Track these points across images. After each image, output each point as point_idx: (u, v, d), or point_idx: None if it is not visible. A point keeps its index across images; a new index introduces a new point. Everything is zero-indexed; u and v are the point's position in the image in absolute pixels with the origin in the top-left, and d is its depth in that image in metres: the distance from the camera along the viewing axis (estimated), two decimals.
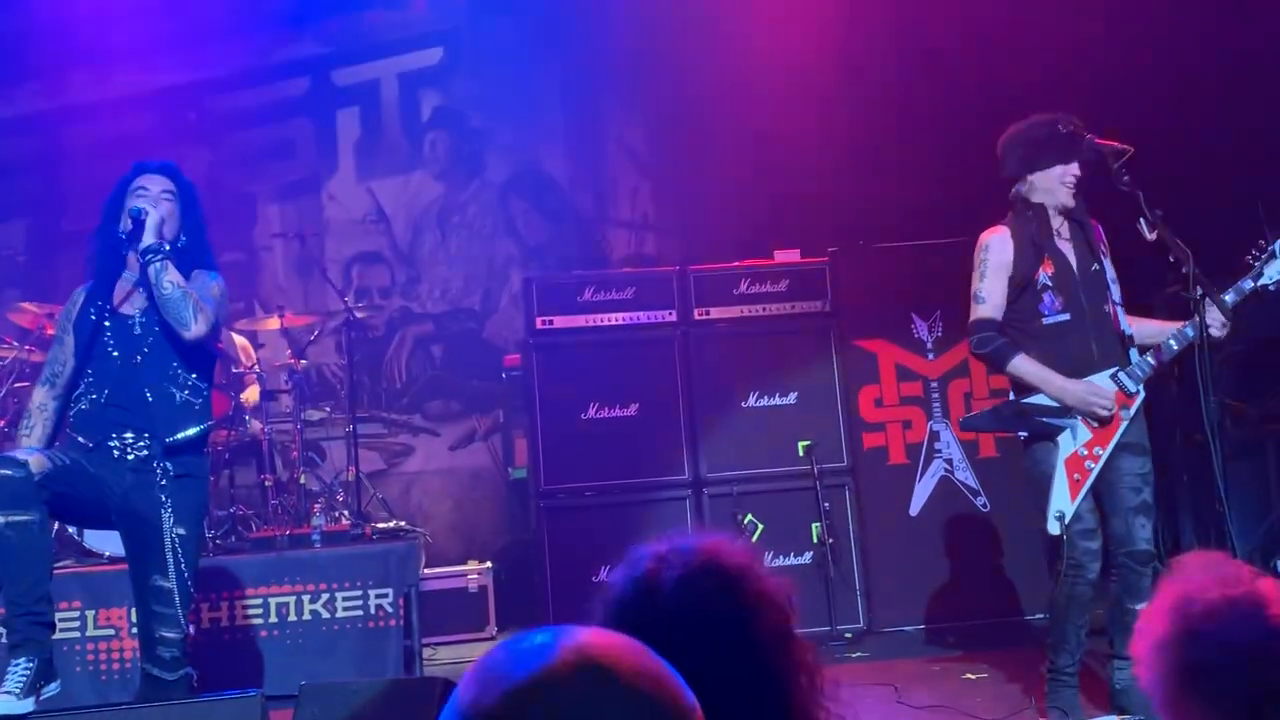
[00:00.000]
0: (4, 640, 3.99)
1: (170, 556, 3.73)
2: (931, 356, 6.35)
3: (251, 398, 6.66)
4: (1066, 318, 4.05)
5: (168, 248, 3.80)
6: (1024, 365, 4.03)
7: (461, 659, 5.87)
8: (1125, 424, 3.99)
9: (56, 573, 3.90)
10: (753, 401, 6.27)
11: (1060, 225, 4.15)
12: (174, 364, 3.86)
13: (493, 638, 6.30)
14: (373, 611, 5.32)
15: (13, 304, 6.67)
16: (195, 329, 3.77)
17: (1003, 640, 5.60)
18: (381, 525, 6.46)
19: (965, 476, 6.24)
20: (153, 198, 3.87)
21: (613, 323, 6.28)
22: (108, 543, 5.26)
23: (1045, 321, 4.06)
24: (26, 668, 3.45)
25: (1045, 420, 4.00)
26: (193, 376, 3.90)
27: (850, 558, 6.16)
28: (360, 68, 8.41)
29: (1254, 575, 1.65)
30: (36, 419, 3.87)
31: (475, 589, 6.43)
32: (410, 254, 8.33)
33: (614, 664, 1.01)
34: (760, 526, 6.11)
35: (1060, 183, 4.09)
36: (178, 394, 3.86)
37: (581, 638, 1.03)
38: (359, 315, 7.06)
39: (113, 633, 5.15)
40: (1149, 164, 4.01)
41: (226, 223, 7.14)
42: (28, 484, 3.47)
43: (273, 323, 6.96)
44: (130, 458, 3.78)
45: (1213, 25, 6.51)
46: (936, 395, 6.31)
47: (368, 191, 8.35)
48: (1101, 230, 4.22)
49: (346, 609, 5.32)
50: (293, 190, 8.35)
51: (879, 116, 7.53)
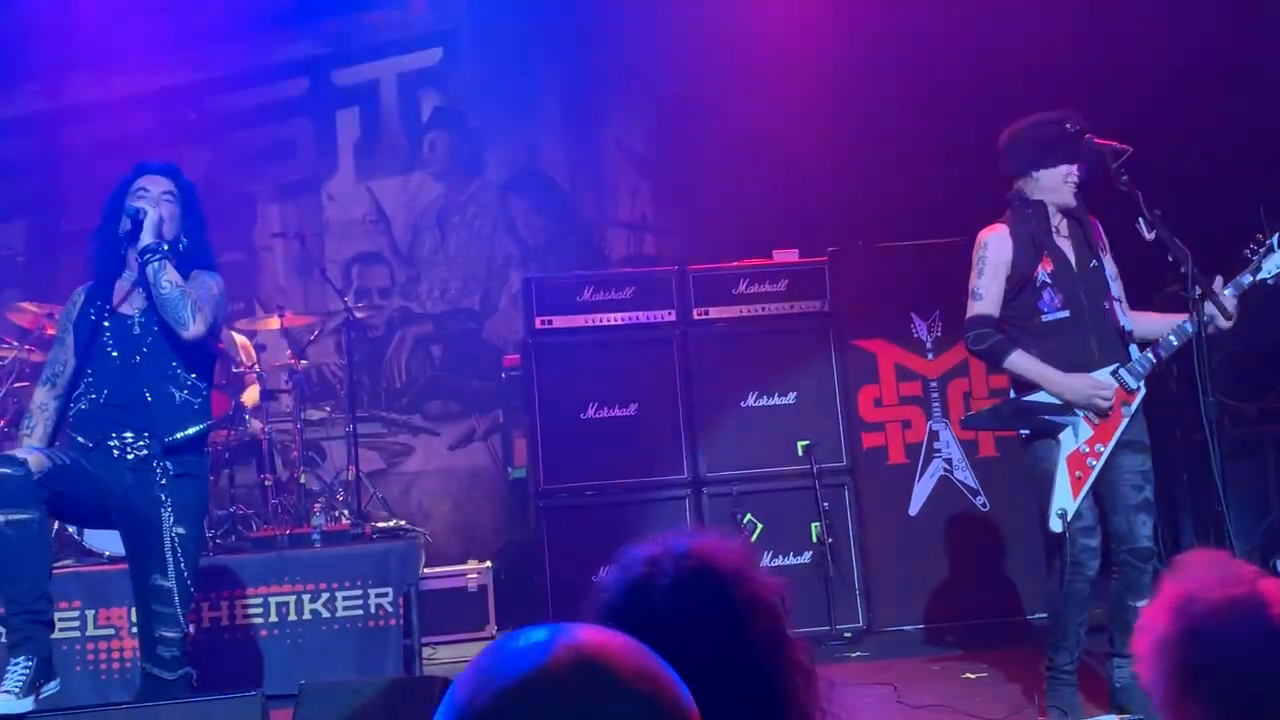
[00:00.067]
0: (3, 640, 3.99)
1: (170, 556, 3.73)
2: (931, 356, 6.35)
3: (252, 398, 6.65)
4: (1066, 315, 4.05)
5: (166, 248, 3.81)
6: (1021, 361, 4.03)
7: (461, 658, 5.87)
8: (1126, 421, 3.98)
9: (57, 572, 3.91)
10: (752, 401, 6.27)
11: (1059, 223, 4.15)
12: (173, 364, 3.87)
13: (492, 637, 6.28)
14: (373, 611, 5.32)
15: (13, 304, 6.66)
16: (193, 329, 3.78)
17: (1002, 640, 5.60)
18: (381, 525, 6.45)
19: (965, 476, 6.24)
20: (153, 198, 3.88)
21: (612, 323, 6.27)
22: (108, 542, 5.27)
23: (1045, 319, 4.06)
24: (26, 667, 3.44)
25: (1047, 418, 4.00)
26: (192, 376, 3.91)
27: (849, 557, 6.16)
28: (360, 68, 8.41)
29: (1257, 575, 1.64)
30: (37, 419, 3.88)
31: (475, 588, 6.42)
32: (410, 254, 8.33)
33: (611, 663, 1.00)
34: (759, 526, 6.11)
35: (1064, 182, 4.09)
36: (177, 394, 3.86)
37: (578, 635, 1.02)
38: (359, 315, 7.06)
39: (113, 632, 5.15)
40: (1148, 164, 4.01)
41: (226, 223, 7.14)
42: (27, 482, 3.47)
43: (273, 323, 6.95)
44: (130, 457, 3.78)
45: (1212, 25, 6.51)
46: (936, 395, 6.31)
47: (367, 191, 8.35)
48: (1100, 227, 4.23)
49: (346, 608, 5.32)
50: (292, 190, 8.34)
51: (878, 116, 7.53)
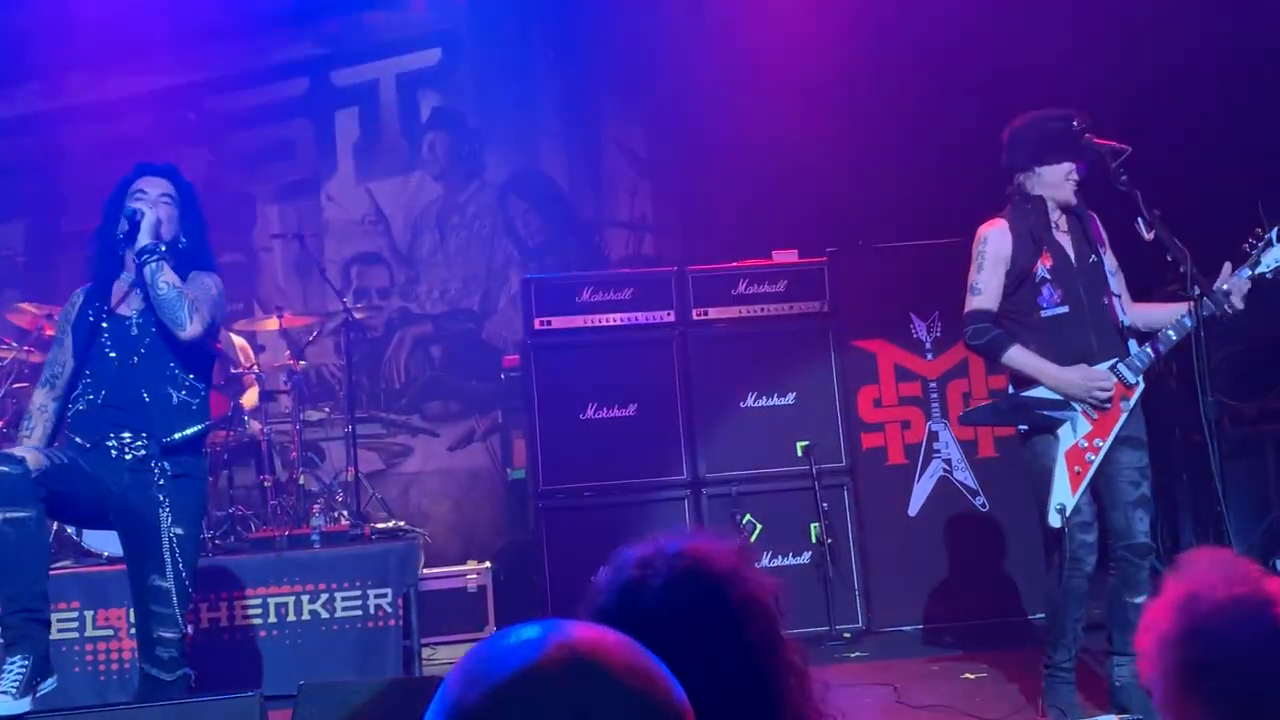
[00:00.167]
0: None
1: (168, 556, 3.73)
2: (930, 356, 6.34)
3: (251, 399, 6.65)
4: (1065, 310, 4.05)
5: (164, 248, 3.81)
6: (1019, 356, 4.03)
7: None
8: (1124, 416, 3.98)
9: (55, 573, 3.91)
10: (751, 402, 6.26)
11: (1058, 218, 4.15)
12: (171, 364, 3.86)
13: None
14: (372, 611, 5.32)
15: (12, 304, 6.66)
16: (190, 329, 3.78)
17: (1002, 640, 5.59)
18: (381, 525, 6.44)
19: (964, 476, 6.24)
20: (151, 200, 3.88)
21: (611, 323, 6.27)
22: (106, 543, 5.26)
23: (1044, 314, 4.06)
24: (22, 666, 3.44)
25: (1045, 413, 4.00)
26: (190, 377, 3.91)
27: (849, 558, 6.15)
28: (359, 68, 8.41)
29: (1261, 574, 1.64)
30: (37, 420, 3.87)
31: (474, 589, 6.41)
32: (409, 255, 8.33)
33: (604, 659, 0.99)
34: (759, 526, 6.10)
35: (1066, 179, 4.09)
36: (175, 394, 3.86)
37: (571, 632, 1.01)
38: (358, 316, 7.05)
39: (111, 633, 5.14)
40: (1147, 163, 4.01)
41: (226, 223, 7.14)
42: (25, 480, 3.47)
43: (272, 323, 6.95)
44: (128, 457, 3.78)
45: (1212, 24, 6.51)
46: (935, 395, 6.31)
47: (367, 192, 8.34)
48: (1099, 222, 4.22)
49: (346, 609, 5.31)
50: (292, 191, 8.34)
51: (878, 116, 7.52)
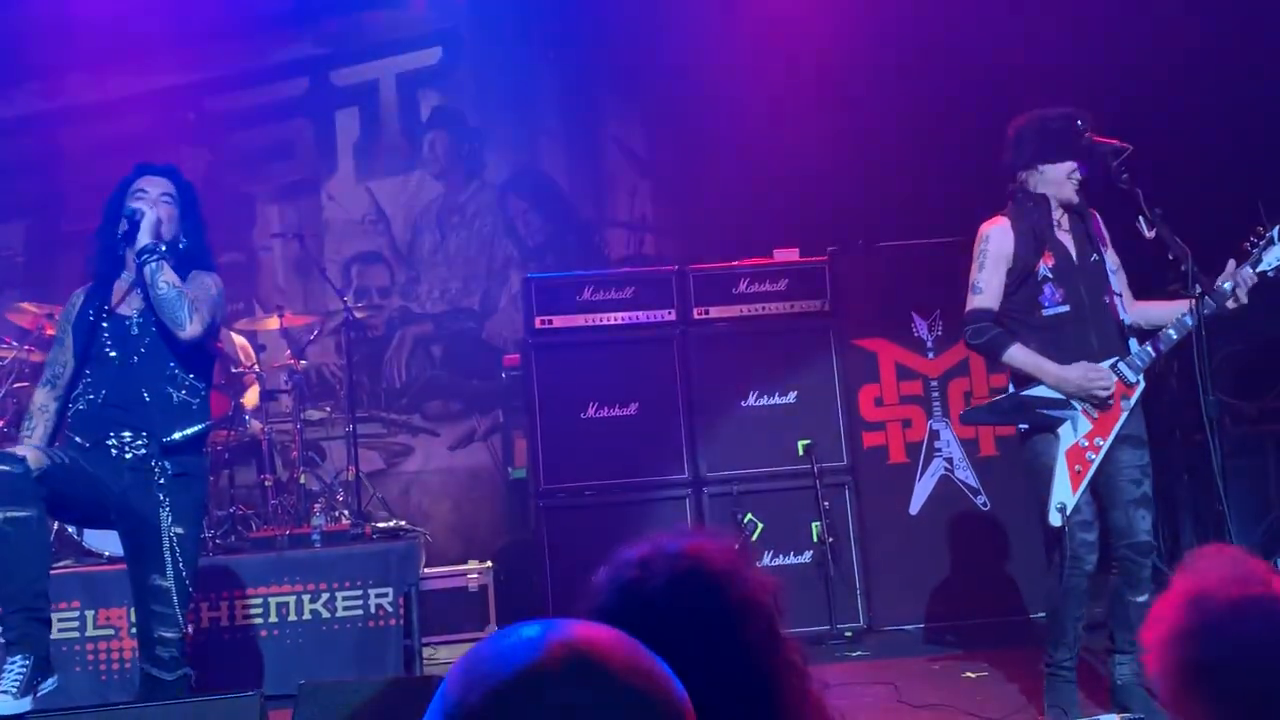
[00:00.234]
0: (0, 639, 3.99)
1: (169, 556, 3.72)
2: (931, 355, 6.34)
3: (251, 399, 6.65)
4: (1066, 309, 4.05)
5: (163, 248, 3.82)
6: (1019, 355, 4.03)
7: None
8: (1125, 415, 3.98)
9: (56, 572, 3.91)
10: (752, 401, 6.26)
11: (1060, 217, 4.14)
12: (171, 364, 3.87)
13: None
14: (373, 611, 5.31)
15: (12, 304, 6.66)
16: (190, 329, 3.78)
17: (1003, 639, 5.59)
18: (381, 525, 6.44)
19: (965, 475, 6.24)
20: (151, 199, 3.88)
21: (612, 322, 6.27)
22: (107, 542, 5.26)
23: (1045, 313, 4.06)
24: (23, 665, 3.44)
25: (1045, 412, 4.00)
26: (190, 376, 3.91)
27: (850, 557, 6.15)
28: (359, 68, 8.40)
29: (1270, 573, 1.64)
30: (38, 420, 3.87)
31: (475, 588, 6.41)
32: (409, 254, 8.32)
33: (604, 658, 0.98)
34: (760, 526, 6.10)
35: (1068, 178, 4.09)
36: (175, 394, 3.86)
37: (571, 631, 1.00)
38: (358, 315, 7.05)
39: (112, 632, 5.14)
40: (1148, 162, 4.00)
41: (226, 223, 7.13)
42: (25, 479, 3.46)
43: (272, 323, 6.95)
44: (128, 457, 3.78)
45: (1212, 24, 6.50)
46: (936, 394, 6.30)
47: (367, 191, 8.34)
48: (1100, 220, 4.22)
49: (346, 608, 5.31)
50: (292, 190, 8.34)
51: (878, 116, 7.52)
